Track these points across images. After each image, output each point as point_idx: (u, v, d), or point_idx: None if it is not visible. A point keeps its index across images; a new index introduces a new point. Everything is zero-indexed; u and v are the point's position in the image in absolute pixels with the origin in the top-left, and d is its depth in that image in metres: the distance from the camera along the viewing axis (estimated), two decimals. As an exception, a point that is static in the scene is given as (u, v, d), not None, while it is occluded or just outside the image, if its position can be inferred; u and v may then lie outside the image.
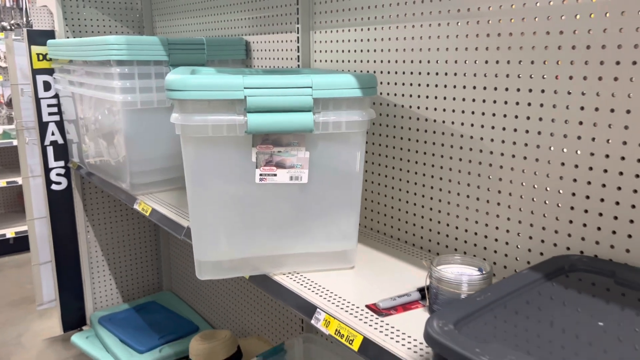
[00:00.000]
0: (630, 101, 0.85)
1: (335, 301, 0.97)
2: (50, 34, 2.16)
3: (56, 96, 2.19)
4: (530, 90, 0.98)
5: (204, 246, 1.04)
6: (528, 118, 0.99)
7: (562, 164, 0.95)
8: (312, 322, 0.95)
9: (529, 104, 0.99)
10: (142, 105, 1.58)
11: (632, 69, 0.84)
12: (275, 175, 1.02)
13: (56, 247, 2.33)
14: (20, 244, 3.72)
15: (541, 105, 0.97)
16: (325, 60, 1.45)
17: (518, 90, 1.00)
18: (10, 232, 3.68)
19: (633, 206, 0.87)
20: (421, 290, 0.98)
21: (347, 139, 1.03)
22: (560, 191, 0.96)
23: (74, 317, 2.44)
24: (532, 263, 1.03)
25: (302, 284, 1.04)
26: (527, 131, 1.00)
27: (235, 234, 1.05)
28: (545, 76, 0.96)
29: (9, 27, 4.00)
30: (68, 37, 2.24)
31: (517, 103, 1.01)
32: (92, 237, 2.42)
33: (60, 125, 2.22)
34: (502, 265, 1.08)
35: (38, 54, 2.14)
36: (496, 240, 1.08)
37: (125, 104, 1.56)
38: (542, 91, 0.96)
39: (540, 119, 0.97)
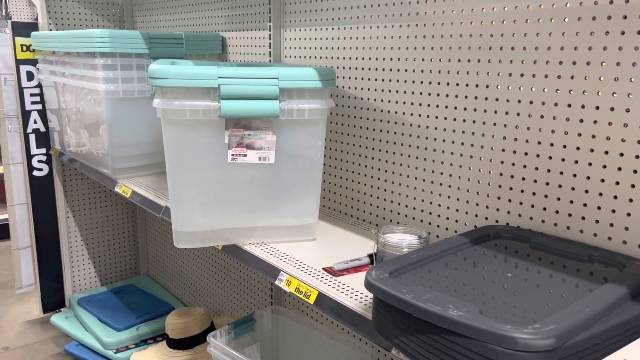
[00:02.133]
0: (545, 95, 1.02)
1: (297, 265, 1.12)
2: (34, 26, 2.26)
3: (39, 86, 2.28)
4: (466, 85, 1.14)
5: (181, 218, 1.18)
6: (465, 109, 1.15)
7: (492, 148, 1.11)
8: (276, 282, 1.09)
9: (466, 97, 1.15)
10: (124, 94, 1.70)
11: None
12: (245, 155, 1.15)
13: (36, 232, 2.43)
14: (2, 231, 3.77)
15: (475, 97, 1.13)
16: (295, 56, 1.59)
17: (457, 84, 1.16)
18: (-13, 221, 3.72)
19: (547, 183, 1.03)
20: (370, 255, 1.13)
21: (309, 125, 1.18)
22: (490, 172, 1.12)
23: (53, 299, 2.53)
24: (468, 235, 1.19)
25: (268, 253, 1.19)
26: (463, 120, 1.16)
27: (210, 208, 1.18)
28: (478, 72, 1.12)
29: (-13, 18, 4.03)
30: (51, 30, 2.34)
31: (456, 96, 1.17)
32: (72, 223, 2.51)
33: (42, 113, 2.31)
34: (442, 237, 1.24)
35: (22, 45, 2.23)
36: (438, 215, 1.24)
37: (108, 93, 1.67)
38: (476, 85, 1.12)
39: (475, 110, 1.14)
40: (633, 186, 0.92)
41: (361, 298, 0.98)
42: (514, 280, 0.85)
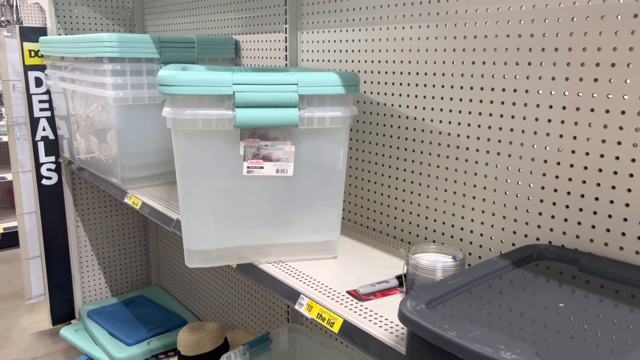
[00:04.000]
0: (594, 100, 0.91)
1: (318, 287, 1.02)
2: (43, 31, 2.19)
3: (47, 92, 2.22)
4: (503, 90, 1.04)
5: (193, 236, 1.09)
6: (501, 116, 1.05)
7: (532, 159, 1.01)
8: (296, 307, 1.00)
9: (502, 103, 1.05)
10: (134, 101, 1.62)
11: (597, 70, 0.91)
12: (262, 167, 1.07)
13: (46, 242, 2.36)
14: (9, 239, 3.73)
15: (513, 104, 1.03)
16: (312, 60, 1.50)
17: (492, 89, 1.06)
18: (-2, 228, 3.68)
19: (596, 199, 0.93)
20: (399, 277, 1.03)
21: (331, 134, 1.08)
22: (531, 185, 1.02)
23: (63, 310, 2.47)
24: (504, 253, 1.09)
25: (287, 272, 1.09)
26: (500, 128, 1.06)
27: (224, 225, 1.09)
28: (517, 76, 1.02)
29: (-2, 24, 4.01)
30: (60, 35, 2.28)
31: (491, 102, 1.07)
32: (82, 232, 2.45)
33: (51, 120, 2.25)
34: (477, 256, 1.14)
35: (30, 51, 2.17)
36: (471, 232, 1.14)
37: (117, 99, 1.60)
38: (514, 90, 1.03)
39: (513, 117, 1.04)
40: (700, 203, 0.82)
41: (391, 327, 0.88)
42: (569, 311, 0.75)
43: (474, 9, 1.07)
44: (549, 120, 0.98)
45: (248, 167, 1.06)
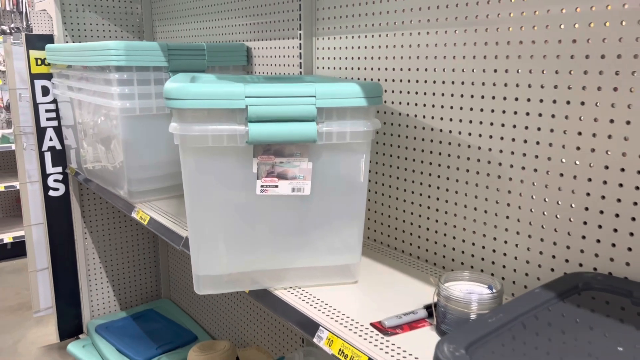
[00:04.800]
0: (647, 113, 0.82)
1: (339, 319, 0.94)
2: (49, 39, 2.14)
3: (54, 101, 2.16)
4: (541, 101, 0.95)
5: (202, 260, 1.01)
6: (539, 129, 0.96)
7: (574, 177, 0.92)
8: (315, 340, 0.91)
9: (540, 115, 0.96)
10: (141, 111, 1.55)
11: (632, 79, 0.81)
12: (276, 186, 0.98)
13: (53, 254, 2.30)
14: (18, 248, 3.69)
15: (552, 116, 0.94)
16: (328, 67, 1.41)
17: (528, 100, 0.97)
18: (7, 237, 3.64)
19: (649, 222, 0.84)
20: (428, 307, 0.94)
21: (351, 150, 1.00)
22: (573, 205, 0.93)
23: (70, 325, 2.40)
24: (543, 279, 0.99)
25: (304, 300, 1.01)
26: (537, 142, 0.97)
27: (235, 247, 1.01)
28: (557, 86, 0.92)
29: (8, 31, 3.98)
30: (67, 42, 2.22)
31: (527, 113, 0.97)
32: (90, 244, 2.38)
33: (58, 130, 2.19)
34: (511, 281, 1.05)
35: (36, 59, 2.11)
36: (504, 254, 1.05)
37: (124, 110, 1.53)
38: (554, 102, 0.93)
39: (552, 131, 0.94)
40: None
41: (422, 367, 0.79)
42: (631, 356, 0.65)
43: (507, 13, 0.98)
44: (594, 135, 0.88)
45: (262, 186, 0.98)
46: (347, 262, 1.07)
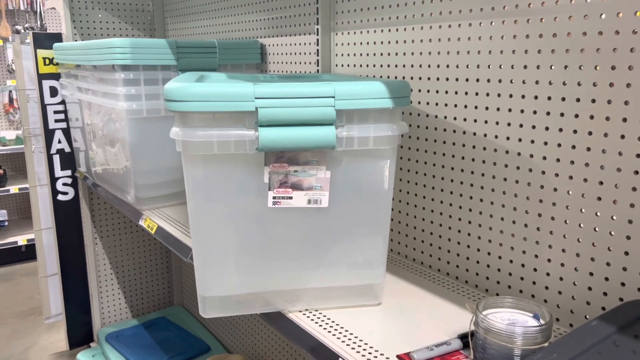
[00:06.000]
0: None
1: (360, 349, 0.83)
2: (58, 37, 2.06)
3: (63, 102, 2.08)
4: (593, 101, 0.83)
5: (209, 280, 0.91)
6: (590, 134, 0.84)
7: (634, 189, 0.80)
8: (333, 373, 0.80)
9: (591, 117, 0.83)
10: (148, 113, 1.46)
11: None
12: (290, 198, 0.88)
13: (62, 260, 2.23)
14: (32, 251, 3.65)
15: (607, 118, 0.82)
16: (348, 65, 1.30)
17: (577, 100, 0.85)
18: (22, 240, 3.61)
19: None
20: (463, 337, 0.83)
21: (375, 157, 0.89)
22: (631, 221, 0.80)
23: (80, 332, 2.33)
24: (593, 304, 0.87)
25: (321, 325, 0.90)
26: (588, 149, 0.84)
27: (245, 266, 0.91)
28: (612, 84, 0.80)
29: (22, 31, 3.95)
30: (76, 41, 2.14)
31: (576, 116, 0.85)
32: (100, 250, 2.31)
33: (67, 132, 2.11)
34: (555, 304, 0.92)
35: (44, 58, 2.04)
36: (547, 274, 0.93)
37: (130, 112, 1.44)
38: (609, 102, 0.81)
39: (606, 135, 0.82)
40: None
41: (459, 413, 0.68)
42: None
43: (552, 0, 0.86)
44: (639, 139, 0.76)
45: (274, 198, 0.87)
46: (369, 282, 0.96)
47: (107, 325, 2.36)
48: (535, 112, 0.91)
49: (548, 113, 0.89)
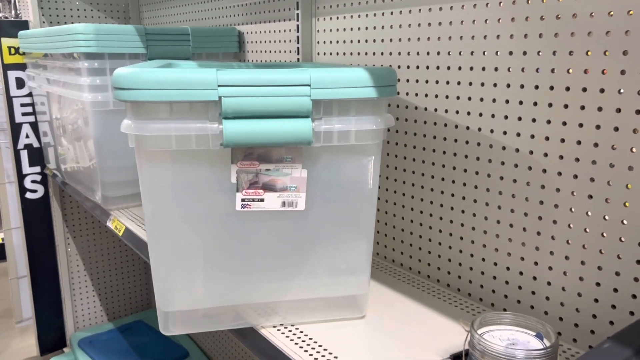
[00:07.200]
0: None
1: (340, 371, 0.73)
2: (24, 25, 1.93)
3: (30, 94, 1.96)
4: (601, 91, 0.74)
5: (170, 293, 0.80)
6: (598, 127, 0.75)
7: (648, 189, 0.71)
8: (309, 400, 0.71)
9: (600, 109, 0.74)
10: (115, 105, 1.34)
11: None
12: (262, 200, 0.78)
13: (32, 261, 2.11)
14: (3, 251, 3.51)
15: (618, 110, 0.72)
16: (331, 53, 1.20)
17: (584, 90, 0.76)
18: (-4, 238, 3.46)
19: None
20: (457, 357, 0.73)
21: (357, 153, 0.79)
22: (644, 226, 0.71)
23: (52, 337, 2.21)
24: (600, 317, 0.78)
25: (297, 343, 0.80)
26: (595, 144, 0.75)
27: (212, 276, 0.81)
28: (624, 71, 0.71)
29: (-4, 21, 3.78)
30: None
31: (582, 107, 0.76)
32: (73, 250, 2.19)
33: (35, 127, 1.99)
34: (557, 317, 0.84)
35: (10, 47, 1.91)
36: (548, 283, 0.84)
37: (95, 104, 1.32)
38: (619, 92, 0.72)
39: (616, 129, 0.73)
40: None
41: None
42: None
43: (556, -22, 0.77)
44: (677, 135, 0.67)
45: (243, 200, 0.77)
46: (352, 292, 0.86)
47: (80, 329, 2.25)
48: (535, 104, 0.82)
49: (550, 105, 0.80)
